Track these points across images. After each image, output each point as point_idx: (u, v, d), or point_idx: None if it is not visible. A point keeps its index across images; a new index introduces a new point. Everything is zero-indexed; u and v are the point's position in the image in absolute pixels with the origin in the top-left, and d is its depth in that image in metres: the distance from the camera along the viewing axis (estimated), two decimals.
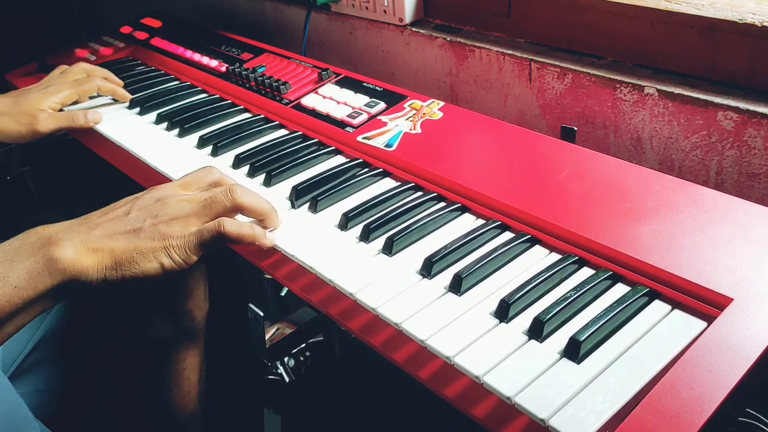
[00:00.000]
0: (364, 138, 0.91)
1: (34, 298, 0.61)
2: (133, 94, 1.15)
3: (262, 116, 1.04)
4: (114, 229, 0.66)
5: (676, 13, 0.88)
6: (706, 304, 0.59)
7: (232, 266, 1.07)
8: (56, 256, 0.62)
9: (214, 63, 1.20)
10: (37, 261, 0.61)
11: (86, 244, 0.64)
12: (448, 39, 1.13)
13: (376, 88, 1.01)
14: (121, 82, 1.16)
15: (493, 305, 0.62)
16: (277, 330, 1.10)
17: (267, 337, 1.06)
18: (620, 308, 0.59)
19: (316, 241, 0.75)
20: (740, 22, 0.83)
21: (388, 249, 0.71)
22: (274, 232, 0.76)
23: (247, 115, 1.07)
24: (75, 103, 1.12)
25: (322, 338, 1.12)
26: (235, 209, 0.71)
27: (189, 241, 0.67)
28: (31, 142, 1.06)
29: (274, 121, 1.02)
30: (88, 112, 1.07)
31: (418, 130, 0.90)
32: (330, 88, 1.03)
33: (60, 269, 0.62)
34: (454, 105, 0.94)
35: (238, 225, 0.70)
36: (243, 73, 1.12)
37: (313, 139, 0.96)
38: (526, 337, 0.59)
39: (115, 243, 0.65)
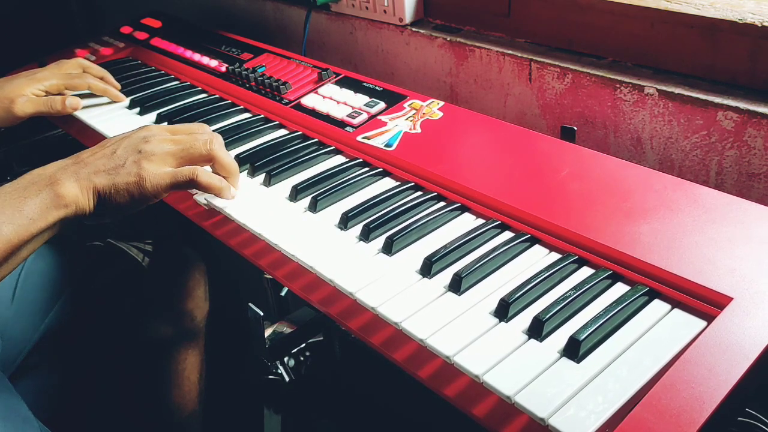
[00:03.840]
0: (363, 138, 0.91)
1: (44, 228, 0.71)
2: (133, 94, 1.15)
3: (262, 116, 1.04)
4: (99, 167, 0.75)
5: (676, 13, 0.88)
6: (705, 304, 0.59)
7: (232, 266, 1.07)
8: (61, 193, 0.72)
9: (214, 63, 1.20)
10: (45, 197, 0.71)
11: (79, 182, 0.73)
12: (448, 39, 1.13)
13: (376, 88, 1.01)
14: (119, 85, 1.16)
15: (493, 305, 0.62)
16: (277, 330, 1.10)
17: (266, 336, 1.06)
18: (620, 307, 0.59)
19: (315, 241, 0.75)
20: (740, 22, 0.83)
21: (388, 248, 0.71)
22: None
23: (247, 115, 1.07)
24: (60, 95, 1.11)
25: (322, 338, 1.12)
26: (209, 159, 0.79)
27: (162, 179, 0.75)
28: (11, 126, 1.06)
29: (274, 121, 1.02)
30: (66, 97, 1.07)
31: (418, 130, 0.90)
32: (330, 88, 1.03)
33: (64, 204, 0.72)
34: (454, 105, 0.94)
35: (209, 176, 0.78)
36: (243, 73, 1.12)
37: (313, 138, 0.96)
38: (526, 337, 0.59)
39: (98, 179, 0.74)
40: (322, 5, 1.30)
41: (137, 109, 1.11)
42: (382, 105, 0.96)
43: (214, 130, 0.99)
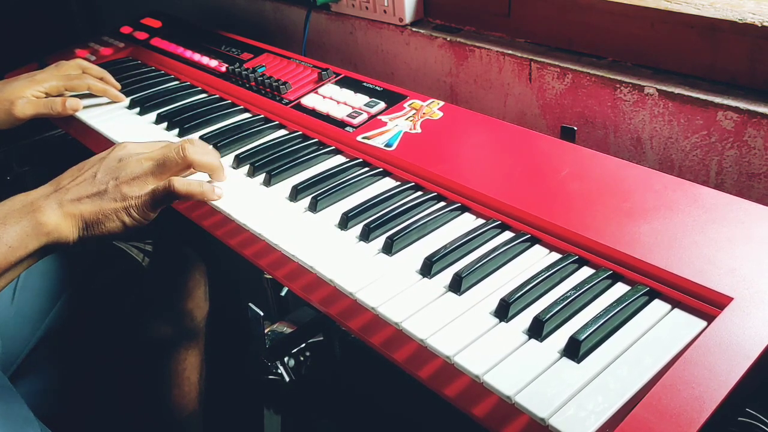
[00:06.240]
0: (364, 138, 0.91)
1: (24, 256, 0.70)
2: (133, 94, 1.15)
3: (262, 116, 1.04)
4: (82, 193, 0.74)
5: (676, 13, 0.88)
6: (706, 304, 0.59)
7: (232, 266, 1.07)
8: (42, 221, 0.71)
9: (214, 63, 1.20)
10: (26, 225, 0.70)
11: (62, 210, 0.72)
12: (448, 39, 1.13)
13: (376, 88, 1.01)
14: (119, 85, 1.16)
15: (493, 305, 0.62)
16: (276, 329, 1.10)
17: (266, 336, 1.06)
18: (620, 307, 0.59)
19: (316, 241, 0.75)
20: (740, 22, 0.83)
21: (388, 248, 0.71)
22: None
23: (247, 115, 1.07)
24: (60, 96, 1.11)
25: (322, 338, 1.12)
26: (188, 166, 0.79)
27: (145, 201, 0.75)
28: (12, 127, 1.06)
29: (274, 121, 1.02)
30: (66, 99, 1.08)
31: (418, 130, 0.90)
32: (330, 88, 1.03)
33: (45, 232, 0.71)
34: (454, 105, 0.94)
35: (187, 183, 0.77)
36: (243, 73, 1.12)
37: (313, 138, 0.96)
38: (526, 337, 0.59)
39: (84, 207, 0.73)
40: (322, 5, 1.30)
41: (137, 109, 1.11)
42: (382, 105, 0.96)
43: (213, 130, 1.00)
